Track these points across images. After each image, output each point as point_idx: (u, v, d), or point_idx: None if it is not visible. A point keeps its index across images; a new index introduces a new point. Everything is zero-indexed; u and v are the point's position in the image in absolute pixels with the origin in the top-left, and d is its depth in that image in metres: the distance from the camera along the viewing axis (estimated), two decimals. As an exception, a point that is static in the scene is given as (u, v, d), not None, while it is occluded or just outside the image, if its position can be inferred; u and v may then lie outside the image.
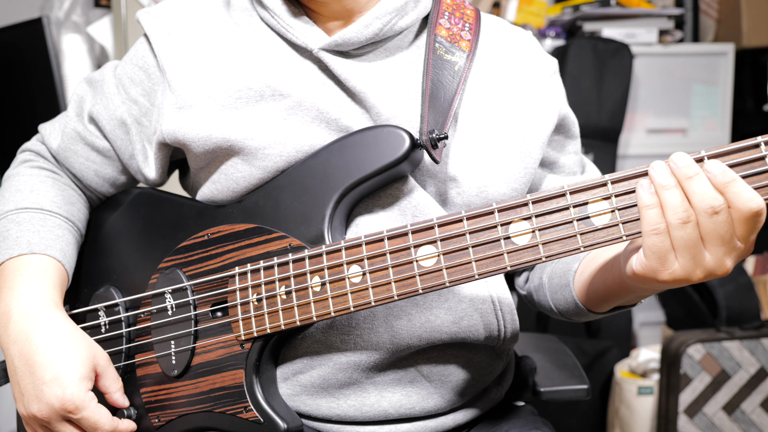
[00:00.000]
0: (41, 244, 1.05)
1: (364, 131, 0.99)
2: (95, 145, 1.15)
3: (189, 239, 1.07)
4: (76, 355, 0.98)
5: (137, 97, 1.11)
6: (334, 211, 0.98)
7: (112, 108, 1.12)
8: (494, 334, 1.05)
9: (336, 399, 1.02)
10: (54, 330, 0.99)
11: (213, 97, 1.04)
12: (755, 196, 0.76)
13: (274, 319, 0.97)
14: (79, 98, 1.17)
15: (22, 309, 1.00)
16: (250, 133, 1.01)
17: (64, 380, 0.96)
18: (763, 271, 2.75)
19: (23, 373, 0.98)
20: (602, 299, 0.99)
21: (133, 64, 1.12)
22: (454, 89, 1.03)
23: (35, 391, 0.97)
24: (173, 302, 1.05)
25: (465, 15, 1.11)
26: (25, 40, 2.36)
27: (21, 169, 1.16)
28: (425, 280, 0.90)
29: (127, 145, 1.13)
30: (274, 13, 1.05)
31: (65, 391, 0.95)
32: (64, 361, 0.97)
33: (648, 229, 0.79)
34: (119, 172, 1.17)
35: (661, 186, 0.79)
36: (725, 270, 0.81)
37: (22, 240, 1.05)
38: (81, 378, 0.97)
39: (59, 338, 0.99)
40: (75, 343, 0.99)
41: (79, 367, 0.98)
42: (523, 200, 0.87)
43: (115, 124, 1.13)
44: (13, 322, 0.99)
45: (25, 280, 1.02)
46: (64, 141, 1.16)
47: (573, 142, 1.19)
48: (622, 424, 2.45)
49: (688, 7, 2.81)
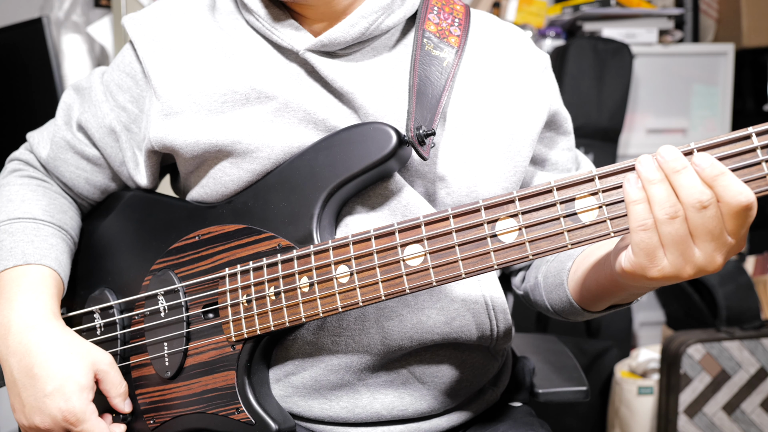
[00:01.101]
0: (36, 254, 1.06)
1: (350, 129, 0.98)
2: (85, 154, 1.14)
3: (180, 241, 1.07)
4: (77, 366, 0.99)
5: (125, 103, 1.11)
6: (322, 211, 0.98)
7: (100, 116, 1.12)
8: (487, 333, 1.04)
9: (328, 400, 1.02)
10: (53, 341, 1.00)
11: (199, 102, 1.03)
12: (744, 190, 0.74)
13: (264, 320, 0.97)
14: (66, 106, 1.17)
15: (20, 321, 1.00)
16: (237, 136, 1.01)
17: (65, 392, 0.97)
18: (763, 271, 2.75)
19: (24, 384, 0.98)
20: (596, 298, 0.98)
21: (120, 71, 1.12)
22: (442, 85, 1.02)
23: (37, 402, 0.97)
24: (165, 304, 1.05)
25: (454, 10, 1.10)
26: (25, 40, 2.37)
27: (11, 178, 1.16)
28: (412, 280, 0.90)
29: (117, 153, 1.13)
30: (258, 16, 1.05)
31: (67, 403, 0.97)
32: (64, 372, 0.98)
33: (635, 224, 0.78)
34: (110, 179, 1.16)
35: (648, 180, 0.77)
36: (716, 266, 0.79)
37: (16, 251, 1.05)
38: (82, 389, 0.98)
39: (59, 349, 0.99)
40: (74, 353, 1.00)
41: (80, 377, 0.98)
42: (509, 197, 0.86)
43: (104, 131, 1.12)
44: (12, 334, 1.00)
45: (23, 291, 1.02)
46: (53, 150, 1.15)
47: (565, 138, 1.17)
48: (622, 424, 2.45)
49: (688, 7, 2.80)
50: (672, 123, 2.74)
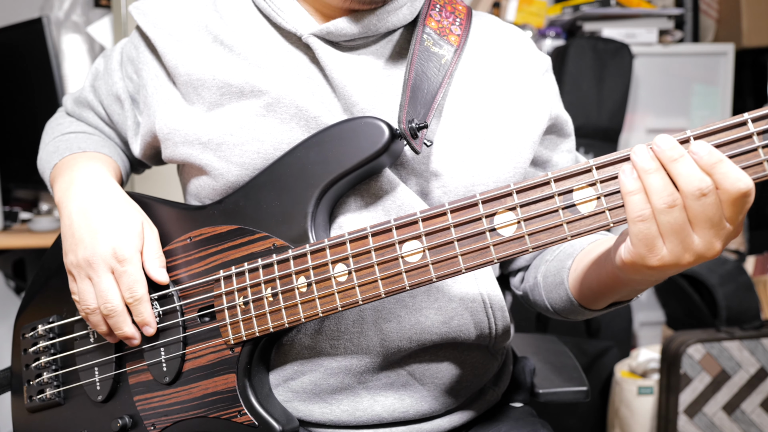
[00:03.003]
0: (91, 147, 1.17)
1: (341, 124, 0.97)
2: (100, 114, 1.23)
3: (171, 243, 1.06)
4: (131, 214, 1.05)
5: (131, 74, 1.16)
6: (316, 209, 0.97)
7: (110, 83, 1.19)
8: (485, 332, 1.04)
9: (329, 404, 1.02)
10: (112, 195, 1.06)
11: (202, 95, 1.04)
12: (743, 176, 0.74)
13: (263, 322, 0.97)
14: (95, 70, 1.26)
15: (83, 176, 1.09)
16: (229, 128, 1.02)
17: (119, 231, 1.02)
18: (763, 271, 2.75)
19: (80, 224, 1.04)
20: (597, 295, 0.98)
21: (131, 44, 1.17)
22: (438, 82, 1.02)
23: (91, 238, 1.02)
24: (160, 309, 1.04)
25: (456, 10, 1.10)
26: (25, 40, 2.37)
27: (57, 116, 1.30)
28: (412, 277, 0.89)
29: (123, 120, 1.19)
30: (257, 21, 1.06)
31: (120, 239, 1.01)
32: (120, 217, 1.03)
33: (633, 215, 0.77)
34: (121, 141, 1.25)
35: (644, 170, 0.76)
36: (715, 252, 0.78)
37: (73, 145, 1.16)
38: (134, 234, 1.03)
39: (116, 199, 1.06)
40: (129, 204, 1.06)
41: (133, 224, 1.03)
42: (507, 190, 0.85)
43: (112, 99, 1.19)
44: (75, 185, 1.07)
45: (85, 160, 1.13)
46: (76, 106, 1.26)
47: (566, 140, 1.17)
48: (622, 424, 2.45)
49: (688, 7, 2.80)
50: (672, 123, 2.73)
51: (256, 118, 1.01)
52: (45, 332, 1.13)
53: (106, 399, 1.08)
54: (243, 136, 1.01)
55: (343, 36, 1.03)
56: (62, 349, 1.13)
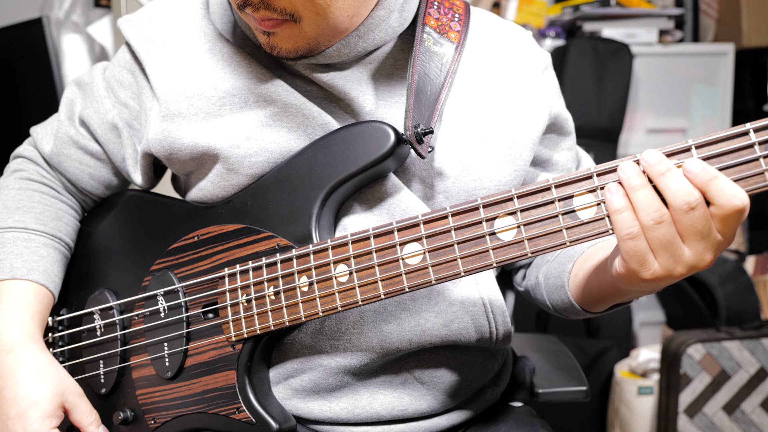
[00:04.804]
0: (24, 269, 1.07)
1: (348, 127, 0.98)
2: (88, 149, 1.15)
3: (179, 241, 1.07)
4: (43, 393, 1.00)
5: (127, 100, 1.10)
6: (321, 210, 0.98)
7: (102, 112, 1.12)
8: (486, 336, 1.04)
9: (328, 402, 1.02)
10: (26, 366, 1.01)
11: (197, 105, 1.02)
12: (738, 192, 0.74)
13: (264, 320, 0.97)
14: (69, 101, 1.17)
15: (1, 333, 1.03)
16: (235, 141, 1.00)
17: (27, 418, 0.99)
18: (763, 271, 2.75)
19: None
20: (597, 300, 0.98)
21: (120, 67, 1.11)
22: (441, 82, 1.01)
23: (2, 424, 0.99)
24: (165, 304, 1.05)
25: (454, 5, 1.09)
26: (25, 40, 2.37)
27: (10, 180, 1.17)
28: (411, 278, 0.90)
29: (120, 149, 1.13)
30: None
31: (27, 429, 0.98)
32: (30, 398, 0.99)
33: (622, 234, 0.77)
34: (113, 174, 1.17)
35: (631, 187, 0.76)
36: (707, 263, 0.78)
37: (5, 264, 1.07)
38: (45, 416, 0.99)
39: (30, 375, 1.01)
40: (44, 381, 1.01)
41: (44, 405, 1.00)
42: (508, 195, 0.86)
43: (106, 127, 1.12)
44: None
45: (4, 310, 1.04)
46: (56, 145, 1.15)
47: (567, 139, 1.16)
48: (622, 424, 2.45)
49: (688, 7, 2.80)
50: (672, 123, 2.73)
51: (263, 128, 1.01)
52: (55, 324, 1.15)
53: (109, 392, 1.10)
54: (251, 148, 1.00)
55: (330, 59, 1.00)
56: (70, 341, 1.14)
